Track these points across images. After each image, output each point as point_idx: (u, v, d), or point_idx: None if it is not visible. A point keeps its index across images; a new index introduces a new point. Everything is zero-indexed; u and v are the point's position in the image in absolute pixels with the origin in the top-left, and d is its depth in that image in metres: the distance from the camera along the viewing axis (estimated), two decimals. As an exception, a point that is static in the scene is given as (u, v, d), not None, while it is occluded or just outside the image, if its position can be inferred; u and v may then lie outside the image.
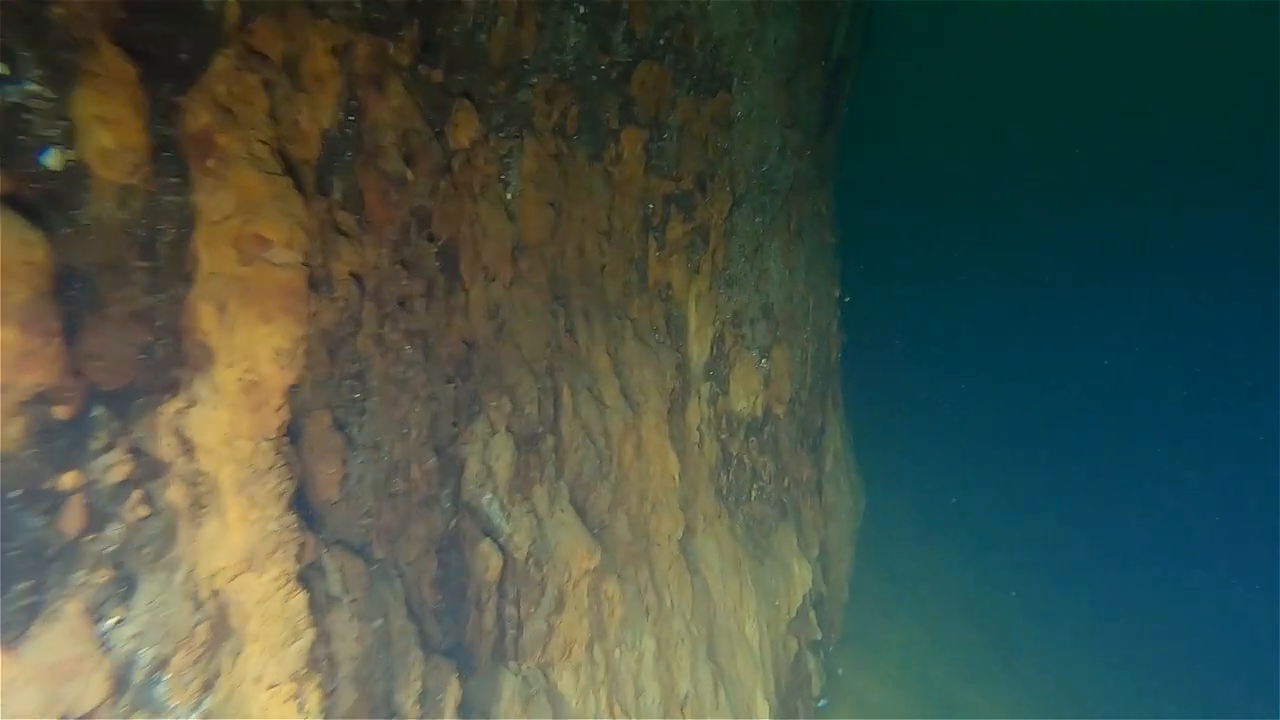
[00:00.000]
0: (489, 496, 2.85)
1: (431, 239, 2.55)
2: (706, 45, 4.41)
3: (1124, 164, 32.69)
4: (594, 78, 3.68)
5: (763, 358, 5.61)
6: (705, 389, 5.10)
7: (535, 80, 3.11)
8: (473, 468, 2.81)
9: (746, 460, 5.51)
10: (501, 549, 2.89)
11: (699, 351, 5.06)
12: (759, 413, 5.59)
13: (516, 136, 3.09)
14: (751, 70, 4.91)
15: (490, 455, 2.88)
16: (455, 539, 2.70)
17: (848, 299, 11.72)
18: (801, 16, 5.59)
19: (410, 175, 2.44)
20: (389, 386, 2.39)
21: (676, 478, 4.48)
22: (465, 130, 2.60)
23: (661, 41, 4.06)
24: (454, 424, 2.74)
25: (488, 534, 2.86)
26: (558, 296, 3.63)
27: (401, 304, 2.53)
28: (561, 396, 3.53)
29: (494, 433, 2.93)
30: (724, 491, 5.22)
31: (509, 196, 3.14)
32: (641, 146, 4.30)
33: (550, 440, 3.35)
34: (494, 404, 2.96)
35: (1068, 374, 25.32)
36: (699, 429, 5.00)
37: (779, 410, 5.80)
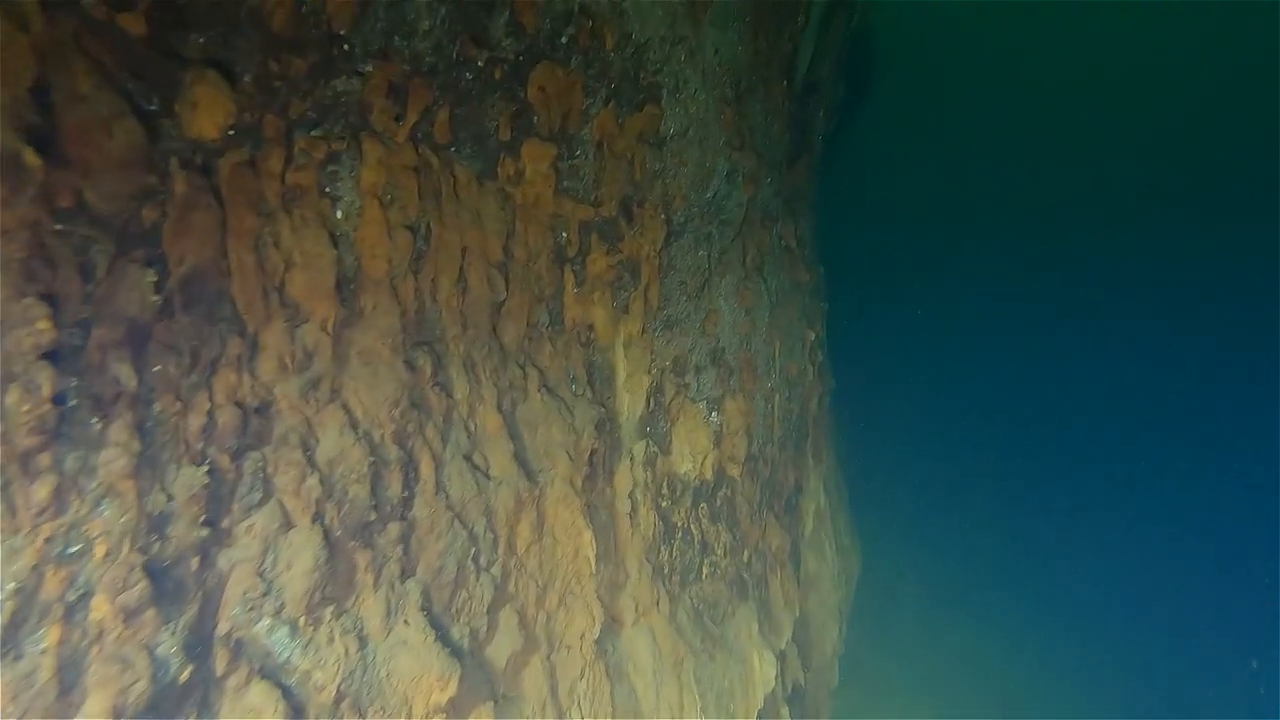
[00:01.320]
0: (268, 622, 2.07)
1: (149, 264, 1.85)
2: (625, 49, 3.79)
3: (1133, 198, 32.39)
4: (469, 75, 3.03)
5: (712, 411, 4.84)
6: (640, 449, 4.31)
7: (368, 68, 2.45)
8: (240, 582, 2.04)
9: (694, 531, 4.67)
10: (288, 694, 2.08)
11: (631, 405, 4.30)
12: (709, 475, 4.78)
13: (342, 139, 2.41)
14: (686, 82, 4.29)
15: (275, 561, 2.10)
16: (186, 695, 1.90)
17: (835, 341, 10.97)
18: (751, 29, 5.01)
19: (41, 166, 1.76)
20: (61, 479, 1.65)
21: (593, 560, 3.66)
22: (210, 114, 1.92)
23: (564, 40, 3.44)
24: (206, 523, 1.98)
25: (266, 674, 2.06)
26: (423, 342, 2.90)
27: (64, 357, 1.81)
28: (419, 469, 2.76)
29: (287, 528, 2.16)
30: (664, 571, 4.37)
31: (338, 215, 2.45)
32: (549, 164, 3.64)
33: (395, 529, 2.57)
34: (290, 487, 2.20)
35: (1088, 421, 24.26)
36: (631, 497, 4.19)
37: (734, 471, 4.99)
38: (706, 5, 4.27)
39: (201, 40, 1.91)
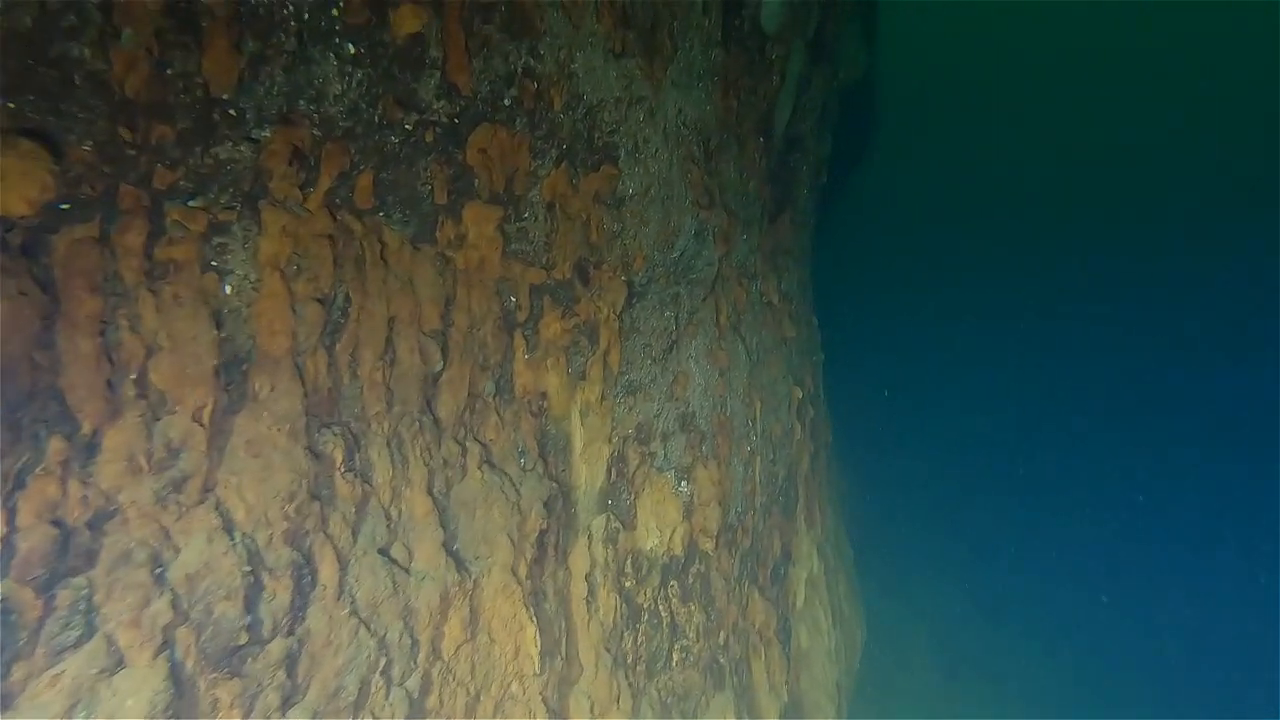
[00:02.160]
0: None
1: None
2: (576, 110, 3.67)
3: (1154, 237, 32.14)
4: (395, 139, 2.88)
5: (682, 480, 4.54)
6: (599, 525, 4.01)
7: (265, 133, 2.30)
8: None
9: (663, 613, 4.32)
10: None
11: (589, 477, 4.02)
12: (679, 550, 4.45)
13: (232, 208, 2.24)
14: (647, 142, 4.16)
15: (89, 716, 1.82)
16: None
17: (835, 394, 10.65)
18: (720, 88, 4.92)
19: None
20: None
21: (537, 657, 3.33)
22: (20, 188, 1.73)
23: (506, 101, 3.31)
24: None
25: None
26: (333, 424, 2.67)
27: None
28: (318, 571, 2.49)
29: (114, 669, 1.88)
30: (627, 661, 4.01)
31: (227, 290, 2.26)
32: (495, 226, 3.47)
33: (278, 649, 2.28)
34: (126, 616, 1.93)
35: (1117, 480, 23.27)
36: (589, 579, 3.87)
37: (707, 544, 4.65)
38: (666, 65, 4.17)
39: (11, 106, 1.74)
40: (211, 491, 2.08)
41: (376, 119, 2.76)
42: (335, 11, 2.47)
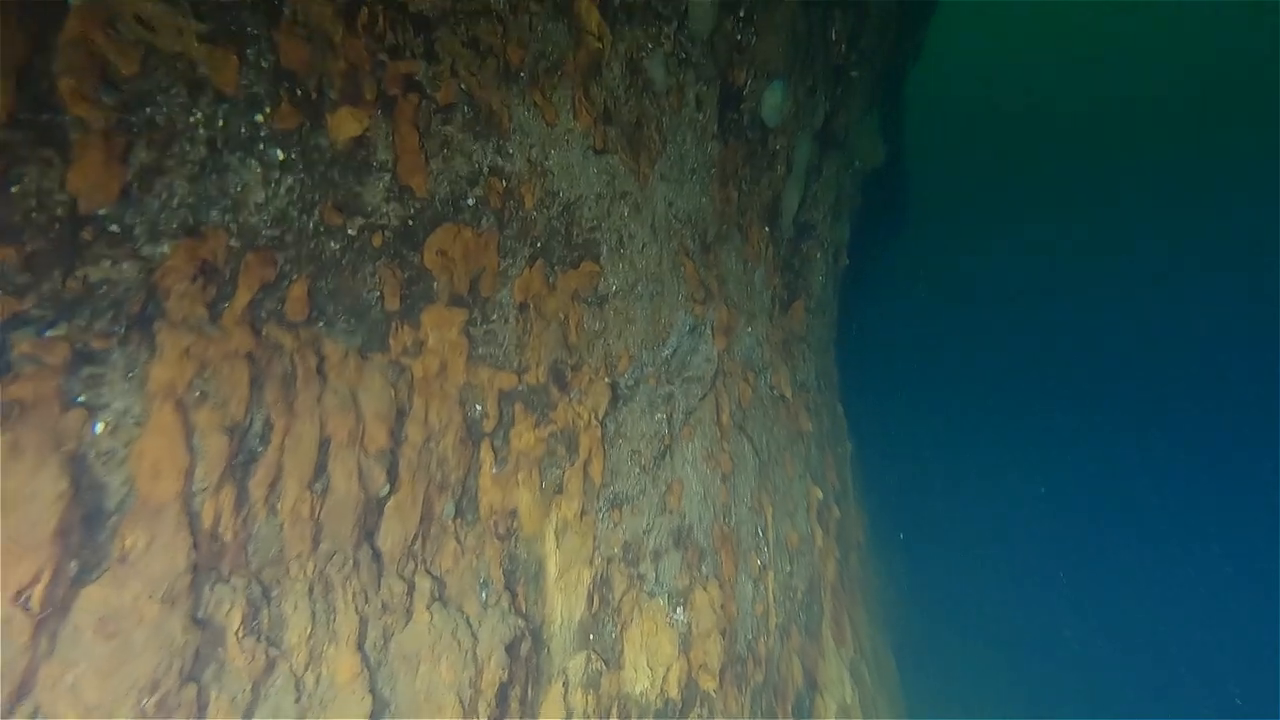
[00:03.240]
0: None
1: None
2: (551, 207, 3.45)
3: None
4: (335, 245, 2.66)
5: (677, 606, 4.01)
6: (578, 666, 3.50)
7: (162, 249, 2.07)
8: None
9: (655, 772, 3.70)
10: None
11: (566, 608, 3.54)
12: (675, 692, 3.87)
13: (108, 335, 1.98)
14: (632, 238, 3.91)
15: None
16: None
17: (869, 485, 9.99)
18: (718, 180, 4.71)
19: None
20: None
21: (486, 843, 2.77)
22: None
23: (470, 201, 3.10)
24: None
25: None
26: (230, 577, 2.30)
27: None
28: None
29: None
30: (608, 835, 3.39)
31: (98, 430, 1.97)
32: (458, 330, 3.20)
33: None
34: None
35: (1181, 566, 21.37)
36: (562, 733, 3.33)
37: (709, 683, 4.05)
38: (654, 160, 3.98)
39: None
40: (30, 692, 1.71)
41: (312, 226, 2.54)
42: (260, 118, 2.29)
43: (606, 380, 3.85)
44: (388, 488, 2.92)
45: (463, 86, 2.98)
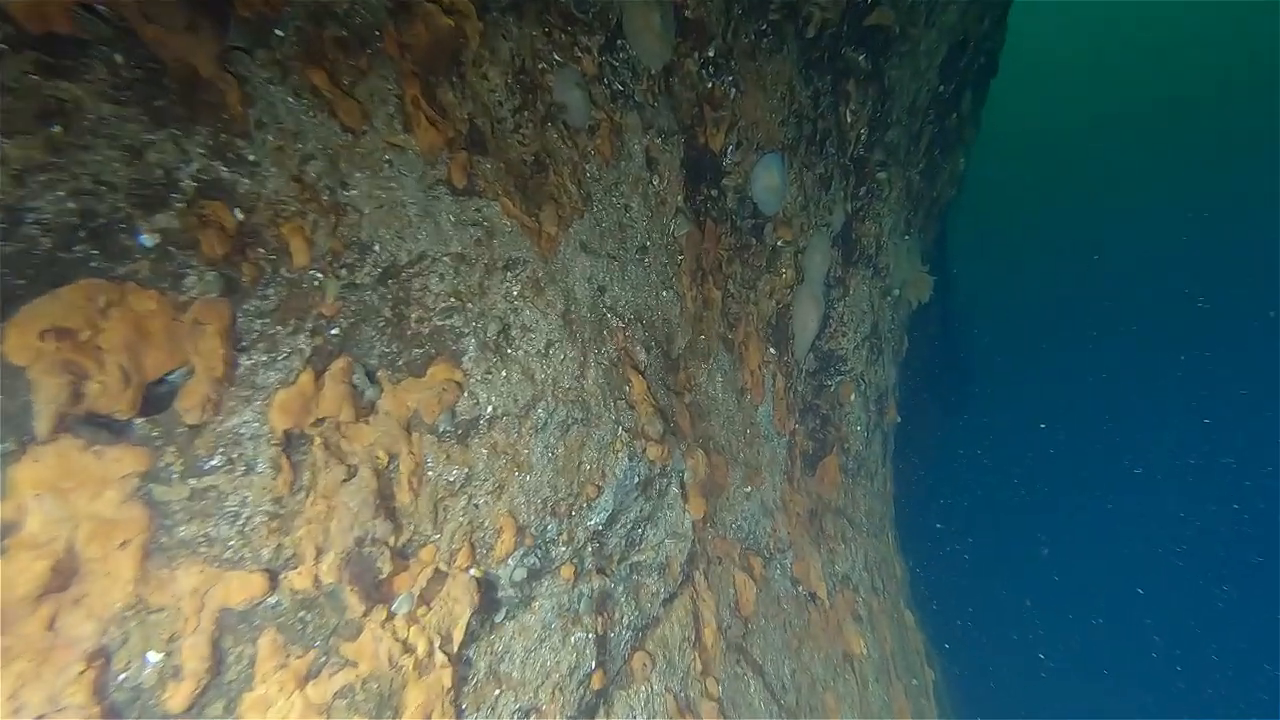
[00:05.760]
0: None
1: None
2: (360, 268, 2.06)
3: None
4: None
5: None
6: None
7: None
8: None
9: None
10: None
11: None
12: None
13: None
14: (527, 332, 2.46)
15: None
16: None
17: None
18: (687, 272, 3.33)
19: None
20: None
21: None
22: None
23: (148, 240, 1.73)
24: None
25: None
26: None
27: None
28: None
29: None
30: None
31: None
32: (121, 494, 1.69)
33: None
34: None
35: None
36: None
37: None
38: (567, 220, 2.63)
39: None
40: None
41: None
42: None
43: (470, 574, 2.18)
44: None
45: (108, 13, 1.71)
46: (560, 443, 2.50)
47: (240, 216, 1.75)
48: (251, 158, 1.75)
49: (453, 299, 2.21)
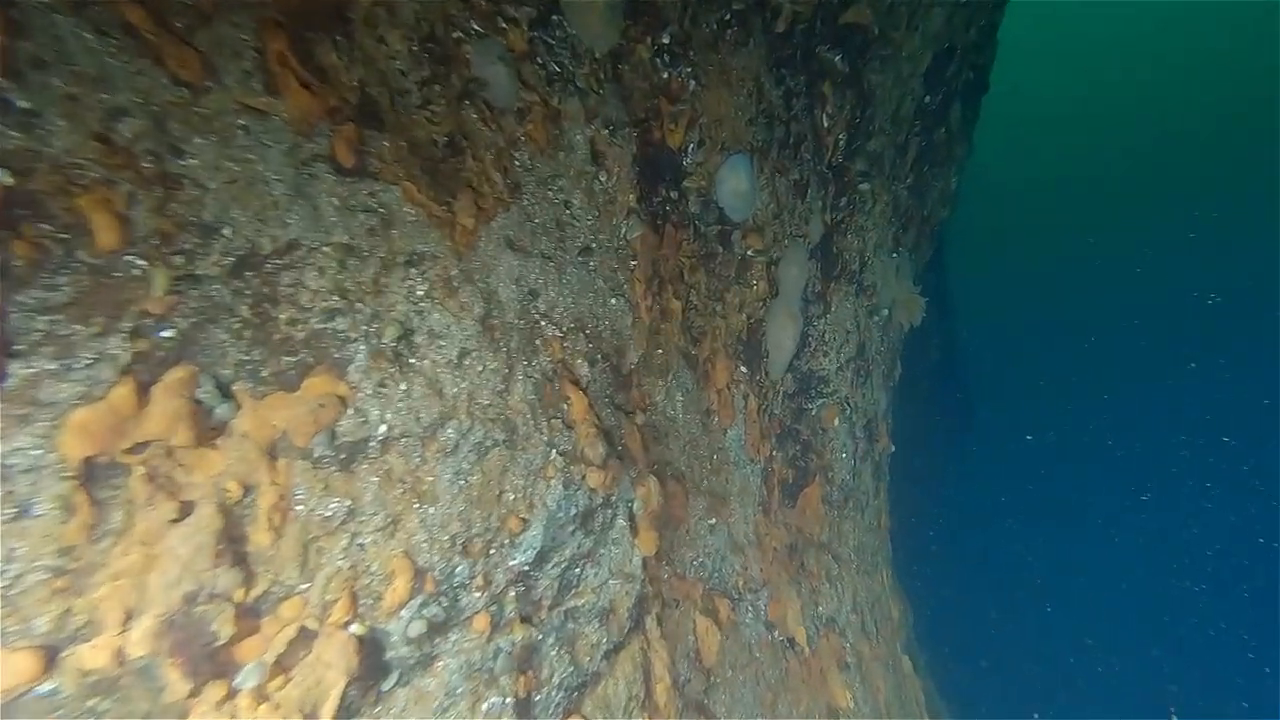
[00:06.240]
0: None
1: None
2: (206, 256, 1.73)
3: None
4: None
5: None
6: None
7: None
8: None
9: None
10: None
11: None
12: None
13: None
14: (436, 339, 2.12)
15: None
16: None
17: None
18: (640, 277, 3.00)
19: None
20: None
21: None
22: None
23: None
24: None
25: None
26: None
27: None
28: None
29: None
30: None
31: None
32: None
33: None
34: None
35: None
36: None
37: None
38: (490, 213, 2.31)
39: None
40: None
41: None
42: None
43: (350, 630, 1.79)
44: None
45: None
46: (476, 468, 2.13)
47: (6, 180, 1.40)
48: (23, 104, 1.41)
49: (336, 297, 1.87)
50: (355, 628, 1.81)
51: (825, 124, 4.19)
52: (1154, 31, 35.39)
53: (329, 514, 1.79)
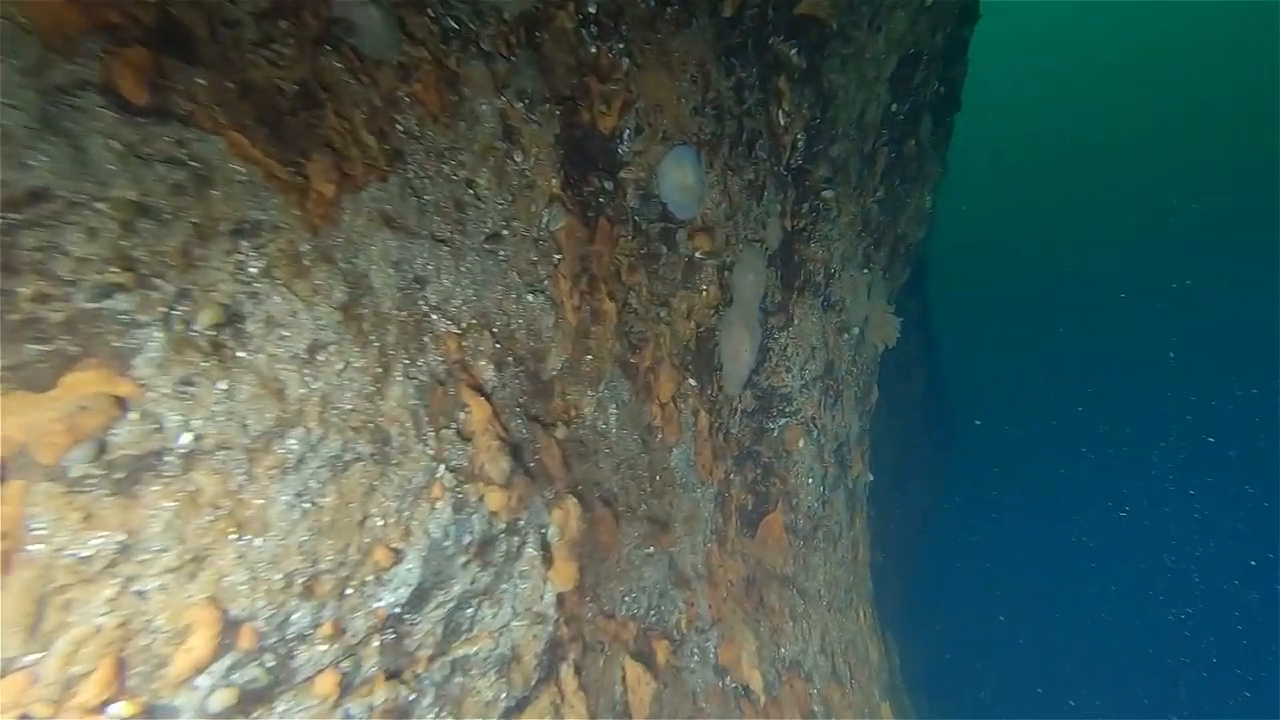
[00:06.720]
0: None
1: None
2: None
3: None
4: None
5: None
6: None
7: None
8: None
9: None
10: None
11: None
12: None
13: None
14: (274, 330, 1.74)
15: None
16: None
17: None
18: (565, 273, 2.65)
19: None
20: None
21: None
22: None
23: None
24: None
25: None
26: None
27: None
28: None
29: None
30: None
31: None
32: None
33: None
34: None
35: None
36: None
37: None
38: (358, 184, 1.95)
39: None
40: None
41: None
42: None
43: (111, 711, 1.37)
44: None
45: None
46: (329, 488, 1.73)
47: None
48: None
49: (115, 269, 1.48)
50: (121, 707, 1.38)
51: (782, 121, 3.91)
52: (1145, 39, 35.29)
53: (88, 554, 1.38)
